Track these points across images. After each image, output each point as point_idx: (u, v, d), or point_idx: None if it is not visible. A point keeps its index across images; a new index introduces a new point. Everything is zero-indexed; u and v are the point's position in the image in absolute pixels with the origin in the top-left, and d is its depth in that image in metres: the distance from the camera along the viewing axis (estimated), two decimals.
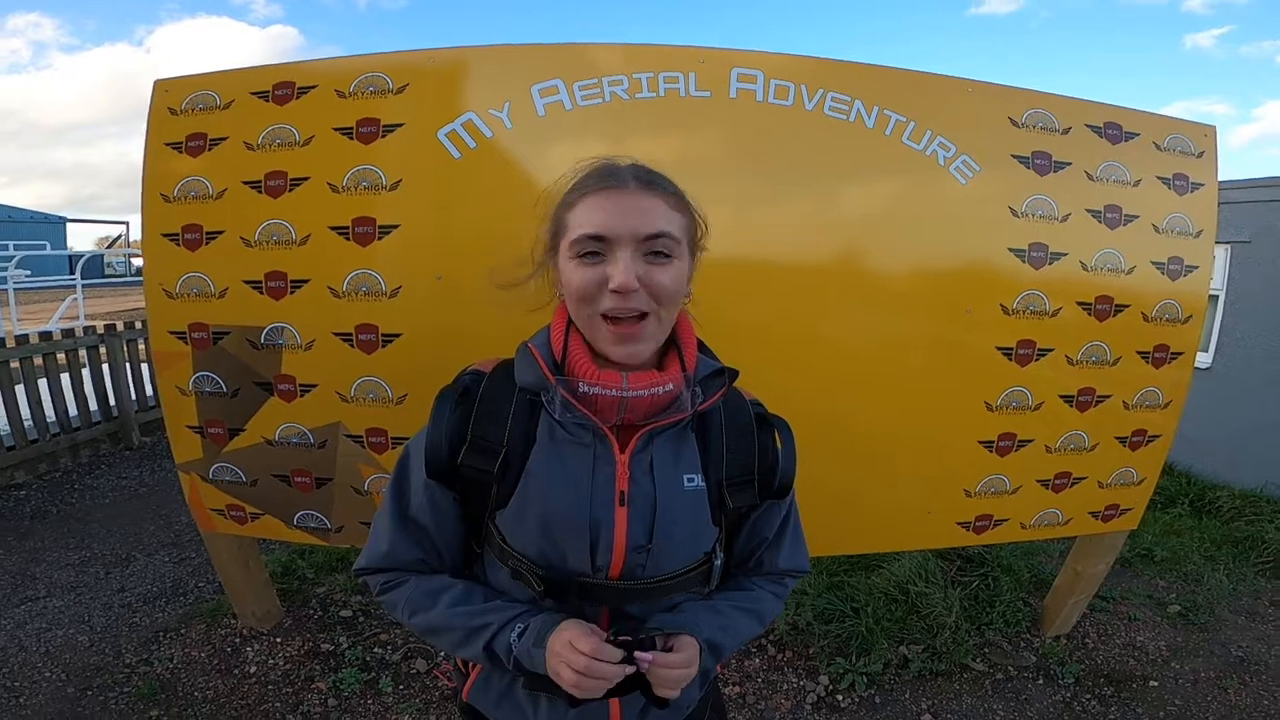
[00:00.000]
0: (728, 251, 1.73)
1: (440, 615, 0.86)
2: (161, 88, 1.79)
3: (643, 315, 0.80)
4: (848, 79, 1.73)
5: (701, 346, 0.90)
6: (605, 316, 0.80)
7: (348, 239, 1.74)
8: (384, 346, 1.78)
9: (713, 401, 0.86)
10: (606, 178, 0.82)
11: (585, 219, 0.80)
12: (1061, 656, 2.40)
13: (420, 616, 0.88)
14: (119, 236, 21.82)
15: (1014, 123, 1.82)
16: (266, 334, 1.81)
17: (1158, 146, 1.92)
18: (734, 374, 0.89)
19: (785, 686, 2.29)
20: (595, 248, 0.80)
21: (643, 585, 0.85)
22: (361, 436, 1.85)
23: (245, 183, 1.76)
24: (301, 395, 1.84)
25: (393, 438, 1.83)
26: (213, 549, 2.23)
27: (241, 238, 1.78)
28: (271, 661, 2.31)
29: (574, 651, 0.76)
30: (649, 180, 0.83)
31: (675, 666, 0.79)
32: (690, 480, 0.86)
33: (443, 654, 2.20)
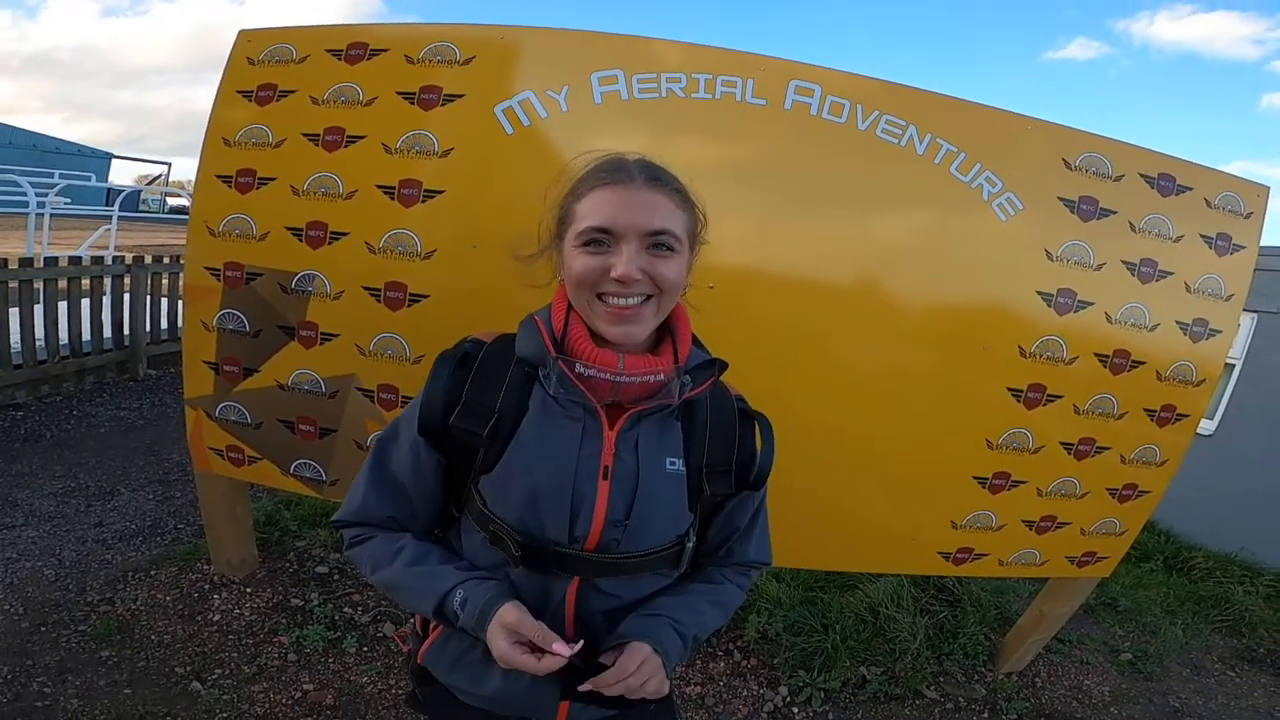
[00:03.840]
0: (759, 259, 1.71)
1: (397, 572, 0.86)
2: (245, 38, 1.75)
3: (645, 299, 0.81)
4: (905, 103, 1.67)
5: (694, 339, 0.90)
6: (603, 299, 0.80)
7: (392, 199, 1.68)
8: (410, 306, 1.70)
9: (700, 391, 0.86)
10: (614, 171, 0.82)
11: (592, 211, 0.80)
12: (1009, 693, 2.35)
13: (381, 573, 0.87)
14: (159, 175, 21.57)
15: (1067, 164, 1.75)
16: (298, 280, 1.73)
17: (1208, 203, 1.84)
18: (723, 366, 0.89)
19: (745, 693, 2.24)
20: (601, 237, 0.80)
21: (615, 559, 0.84)
22: (373, 391, 1.76)
23: (304, 134, 1.71)
24: (321, 343, 1.76)
25: (403, 396, 1.75)
26: (203, 490, 2.14)
27: (291, 186, 1.71)
28: (237, 611, 2.19)
29: (510, 659, 0.77)
30: (655, 176, 0.82)
31: (624, 677, 0.78)
32: (672, 464, 0.86)
33: (409, 617, 2.12)
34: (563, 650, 0.74)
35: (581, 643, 0.76)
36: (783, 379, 1.69)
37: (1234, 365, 4.30)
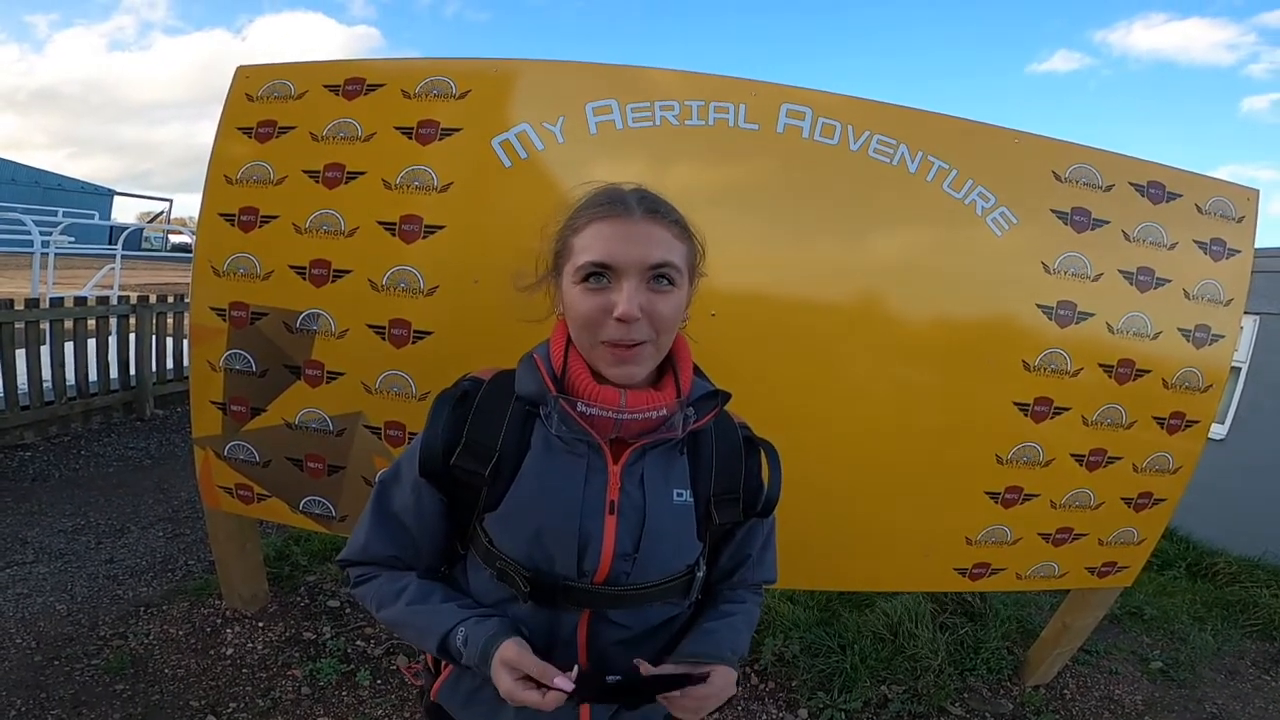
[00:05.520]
0: (755, 282, 1.73)
1: (400, 611, 0.86)
2: (243, 74, 1.79)
3: (641, 341, 0.80)
4: (896, 122, 1.70)
5: (696, 369, 0.90)
6: (605, 342, 0.80)
7: (393, 235, 1.71)
8: (414, 342, 1.73)
9: (704, 423, 0.86)
10: (612, 204, 0.81)
11: (591, 245, 0.80)
12: (1038, 706, 2.34)
13: (385, 611, 0.88)
14: (161, 213, 21.96)
15: (1057, 177, 1.78)
16: (303, 319, 1.77)
17: (1199, 209, 1.86)
18: (726, 397, 0.89)
19: (764, 717, 2.23)
20: (600, 272, 0.79)
21: (625, 591, 0.84)
22: (380, 428, 1.79)
23: (305, 171, 1.74)
24: (328, 382, 1.79)
25: (410, 432, 1.78)
26: (212, 527, 2.16)
27: (293, 224, 1.75)
28: (250, 645, 2.21)
29: (516, 697, 0.77)
30: (653, 209, 0.82)
31: (705, 696, 0.80)
32: (679, 495, 0.86)
33: (420, 652, 2.13)
34: (565, 685, 0.75)
35: (576, 669, 0.76)
36: (786, 402, 1.71)
37: (1240, 369, 4.26)
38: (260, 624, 2.31)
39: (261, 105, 1.76)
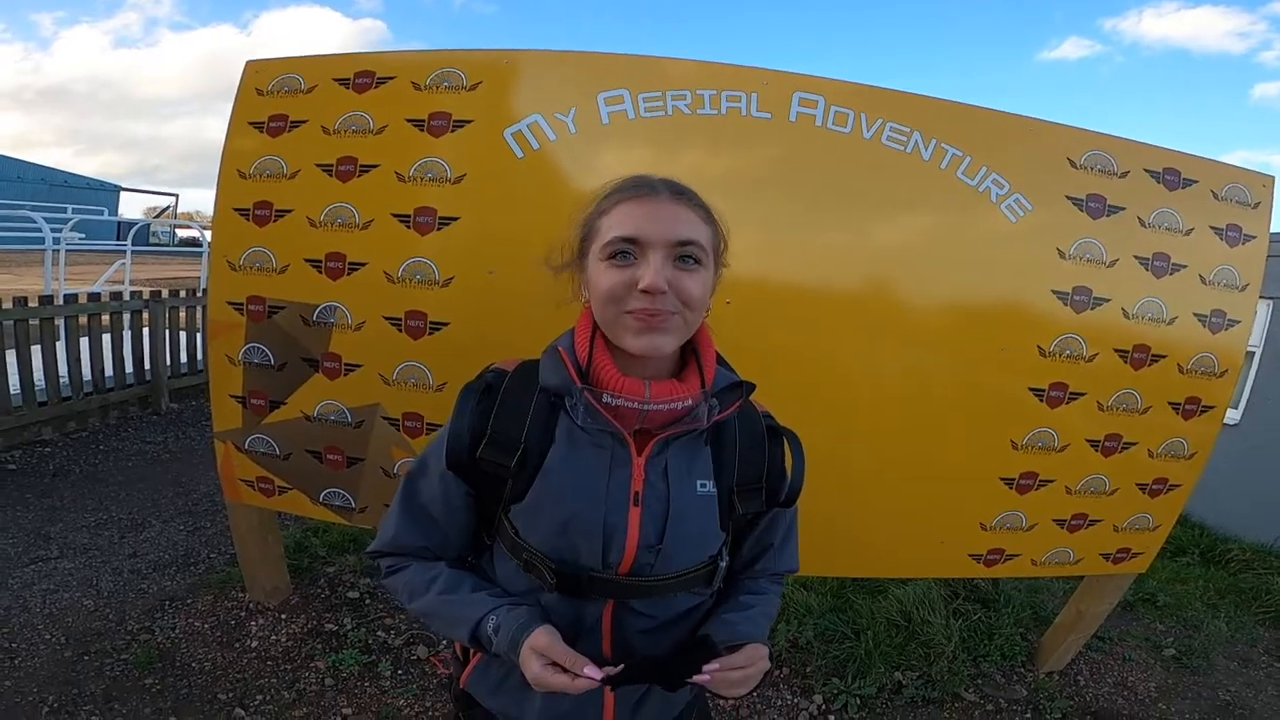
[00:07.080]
0: (770, 271, 1.75)
1: (431, 601, 0.88)
2: (252, 68, 1.80)
3: (671, 313, 0.80)
4: (909, 110, 1.71)
5: (719, 359, 0.90)
6: (630, 312, 0.80)
7: (408, 227, 1.74)
8: (431, 334, 1.76)
9: (728, 414, 0.86)
10: (639, 187, 0.83)
11: (618, 223, 0.81)
12: (1052, 692, 2.36)
13: (417, 601, 0.89)
14: (167, 207, 22.20)
15: (1072, 163, 1.78)
16: (319, 312, 1.80)
17: (1215, 195, 1.86)
18: (750, 387, 0.89)
19: (779, 703, 2.25)
20: (627, 248, 0.80)
21: (650, 582, 0.86)
22: (398, 420, 1.82)
23: (318, 165, 1.76)
24: (345, 374, 1.82)
25: (428, 423, 1.81)
26: (234, 520, 2.21)
27: (308, 218, 1.77)
28: (274, 637, 2.26)
29: (544, 681, 0.78)
30: (680, 191, 0.84)
31: (736, 667, 0.80)
32: (703, 485, 0.86)
33: (444, 642, 2.19)
34: (594, 674, 0.75)
35: (622, 667, 0.77)
36: (803, 391, 1.72)
37: (1254, 353, 4.24)
38: (283, 616, 2.36)
39: (272, 99, 1.78)
